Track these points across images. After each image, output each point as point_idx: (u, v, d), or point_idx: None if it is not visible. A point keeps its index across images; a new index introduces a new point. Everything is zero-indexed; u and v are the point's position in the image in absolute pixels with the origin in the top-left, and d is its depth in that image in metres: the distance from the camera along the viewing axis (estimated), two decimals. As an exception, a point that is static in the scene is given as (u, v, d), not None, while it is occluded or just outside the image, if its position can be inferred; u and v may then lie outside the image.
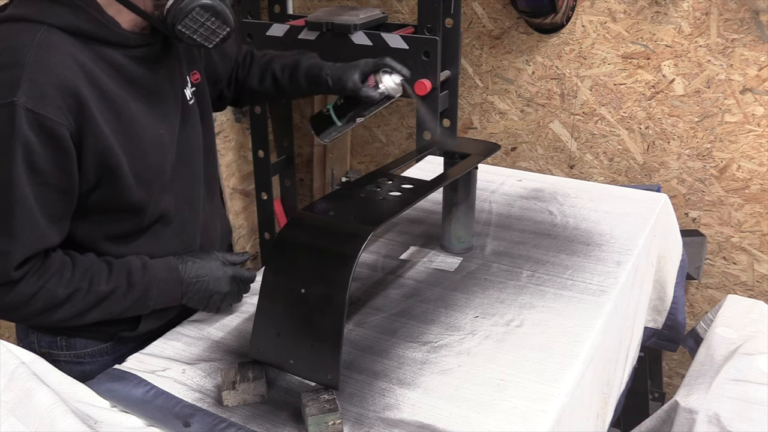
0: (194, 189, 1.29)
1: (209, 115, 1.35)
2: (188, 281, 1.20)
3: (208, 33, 1.10)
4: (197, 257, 1.23)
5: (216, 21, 1.09)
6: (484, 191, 1.77)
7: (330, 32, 2.11)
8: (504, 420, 0.99)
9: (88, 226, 1.14)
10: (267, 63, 1.49)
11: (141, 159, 1.12)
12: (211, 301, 1.23)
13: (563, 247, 1.48)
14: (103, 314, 1.13)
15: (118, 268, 1.14)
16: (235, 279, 1.25)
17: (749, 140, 2.14)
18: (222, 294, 1.23)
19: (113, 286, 1.12)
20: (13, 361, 0.95)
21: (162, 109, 1.18)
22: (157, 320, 1.24)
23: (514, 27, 2.40)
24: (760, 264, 2.24)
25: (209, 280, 1.21)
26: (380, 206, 1.15)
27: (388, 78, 1.35)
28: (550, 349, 1.15)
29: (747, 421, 1.33)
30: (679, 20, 2.13)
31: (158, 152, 1.16)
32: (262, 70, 1.48)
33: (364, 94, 1.34)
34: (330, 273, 1.01)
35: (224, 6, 1.09)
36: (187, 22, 1.06)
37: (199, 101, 1.30)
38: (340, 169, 2.95)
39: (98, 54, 1.06)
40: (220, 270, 1.23)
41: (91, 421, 0.98)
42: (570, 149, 2.45)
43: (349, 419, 1.00)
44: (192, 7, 1.06)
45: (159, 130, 1.16)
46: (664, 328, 1.76)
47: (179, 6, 1.06)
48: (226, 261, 1.26)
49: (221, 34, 1.11)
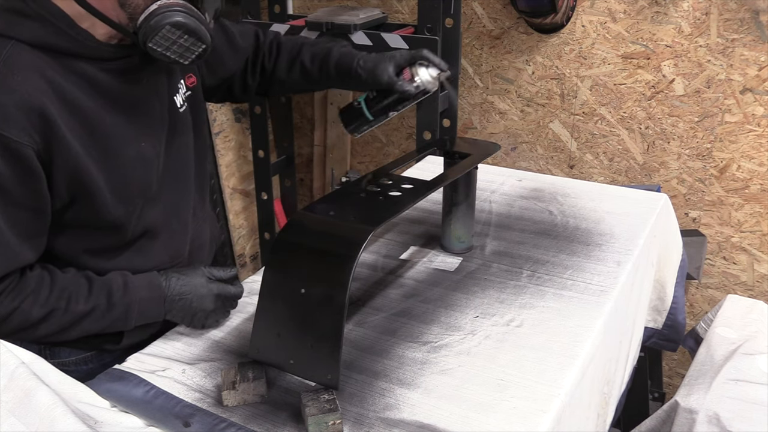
0: (184, 199, 1.26)
1: (203, 119, 1.32)
2: (171, 299, 1.17)
3: (182, 50, 1.05)
4: (182, 273, 1.20)
5: (189, 39, 1.04)
6: (484, 191, 1.77)
7: (330, 32, 2.11)
8: (504, 420, 0.99)
9: (67, 241, 1.12)
10: (296, 52, 1.43)
11: (119, 175, 1.10)
12: (195, 319, 1.20)
13: (563, 247, 1.48)
14: (82, 332, 1.11)
15: (98, 287, 1.11)
16: (220, 297, 1.21)
17: (749, 140, 2.14)
18: (206, 312, 1.20)
19: (92, 305, 1.10)
20: (13, 361, 0.95)
21: (143, 122, 1.14)
22: (142, 334, 1.21)
23: (514, 27, 2.40)
24: (760, 264, 2.24)
25: (193, 297, 1.18)
26: (380, 206, 1.15)
27: (425, 71, 1.28)
28: (550, 349, 1.15)
29: (747, 421, 1.33)
30: (679, 20, 2.13)
31: (139, 167, 1.13)
32: (291, 59, 1.43)
33: (400, 89, 1.28)
34: (330, 273, 1.01)
35: (198, 23, 1.04)
36: (158, 39, 1.02)
37: (193, 106, 1.27)
38: (340, 169, 2.95)
39: (70, 68, 1.03)
40: (204, 287, 1.19)
41: (91, 421, 0.98)
42: (570, 149, 2.45)
43: (349, 419, 1.00)
44: (162, 24, 1.01)
45: (140, 144, 1.13)
46: (664, 328, 1.76)
47: (150, 23, 1.01)
48: (212, 276, 1.21)
49: (196, 51, 1.06)
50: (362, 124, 1.36)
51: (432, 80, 1.29)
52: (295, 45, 1.45)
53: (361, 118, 1.35)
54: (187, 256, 1.28)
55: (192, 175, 1.28)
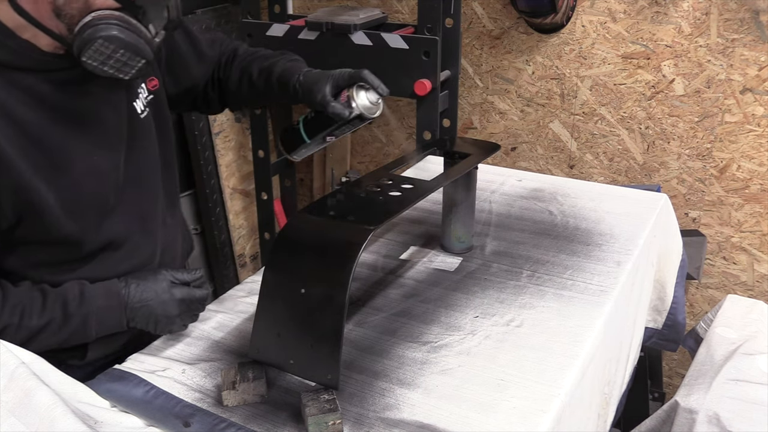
0: (149, 208, 1.22)
1: (167, 123, 1.26)
2: (132, 306, 1.12)
3: (119, 65, 0.99)
4: (142, 279, 1.14)
5: (125, 53, 0.98)
6: (484, 191, 1.77)
7: (330, 32, 2.11)
8: (504, 420, 0.99)
9: (19, 258, 1.08)
10: (246, 64, 1.36)
11: (71, 190, 1.05)
12: (159, 326, 1.15)
13: (563, 247, 1.48)
14: (40, 347, 1.05)
15: (53, 300, 1.07)
16: (185, 301, 1.15)
17: (749, 140, 2.14)
18: (171, 317, 1.14)
19: (47, 319, 1.06)
20: (13, 361, 0.95)
21: (97, 134, 1.09)
22: (107, 347, 1.18)
23: (514, 27, 2.40)
24: (760, 264, 2.24)
25: (155, 304, 1.13)
26: (380, 206, 1.15)
27: (364, 95, 1.19)
28: (550, 349, 1.15)
29: (747, 421, 1.33)
30: (679, 20, 2.13)
31: (93, 180, 1.09)
32: (241, 73, 1.36)
33: (332, 111, 1.18)
34: (330, 273, 1.01)
35: (136, 36, 0.98)
36: (92, 53, 0.97)
37: (156, 110, 1.22)
38: (340, 169, 2.95)
39: (12, 82, 0.99)
40: (166, 293, 1.13)
41: (91, 421, 0.98)
42: (570, 149, 2.45)
43: (349, 419, 1.00)
44: (95, 38, 0.96)
45: (93, 157, 1.08)
46: (664, 328, 1.76)
47: (82, 36, 0.96)
48: (175, 280, 1.16)
49: (136, 66, 1.01)
50: (301, 148, 1.27)
51: (371, 105, 1.20)
52: (248, 57, 1.38)
53: (298, 140, 1.26)
54: (158, 265, 1.24)
55: (159, 182, 1.24)
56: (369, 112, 1.20)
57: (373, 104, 1.20)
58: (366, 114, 1.20)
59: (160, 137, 1.24)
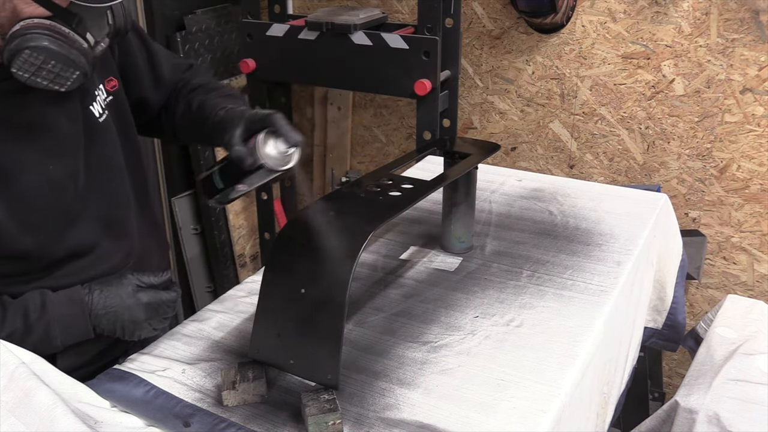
0: (117, 213, 1.18)
1: (130, 124, 1.22)
2: (96, 313, 1.08)
3: (52, 76, 0.95)
4: (106, 284, 1.11)
5: (57, 64, 0.93)
6: (484, 191, 1.77)
7: (330, 32, 2.11)
8: (504, 420, 0.99)
9: None
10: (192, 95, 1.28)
11: (23, 204, 1.02)
12: (126, 331, 1.11)
13: (563, 247, 1.48)
14: None
15: (13, 311, 1.04)
16: (151, 305, 1.12)
17: (749, 140, 2.14)
18: (137, 322, 1.11)
19: (8, 331, 1.02)
20: (13, 361, 0.95)
21: (49, 143, 1.05)
22: (77, 356, 1.15)
23: (514, 27, 2.40)
24: (760, 264, 2.24)
25: (120, 309, 1.09)
26: (380, 206, 1.15)
27: (272, 144, 1.05)
28: (550, 349, 1.15)
29: (747, 421, 1.33)
30: (679, 20, 2.13)
31: (48, 192, 1.05)
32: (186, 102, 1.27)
33: (234, 155, 1.06)
34: (330, 273, 1.01)
35: (68, 47, 0.93)
36: (21, 64, 0.92)
37: (117, 111, 1.17)
38: (340, 169, 2.95)
39: None
40: (131, 297, 1.10)
41: (91, 421, 0.98)
42: (570, 149, 2.45)
43: (349, 419, 1.00)
44: (21, 48, 0.91)
45: (48, 167, 1.04)
46: (664, 328, 1.76)
47: (10, 46, 0.91)
48: (141, 284, 1.12)
49: (71, 78, 0.96)
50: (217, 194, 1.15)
51: (277, 156, 1.05)
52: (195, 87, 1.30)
53: (212, 186, 1.14)
54: (132, 267, 1.21)
55: (125, 186, 1.20)
56: (275, 163, 1.05)
57: (282, 154, 1.06)
58: (270, 165, 1.05)
59: (123, 139, 1.20)
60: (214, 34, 2.67)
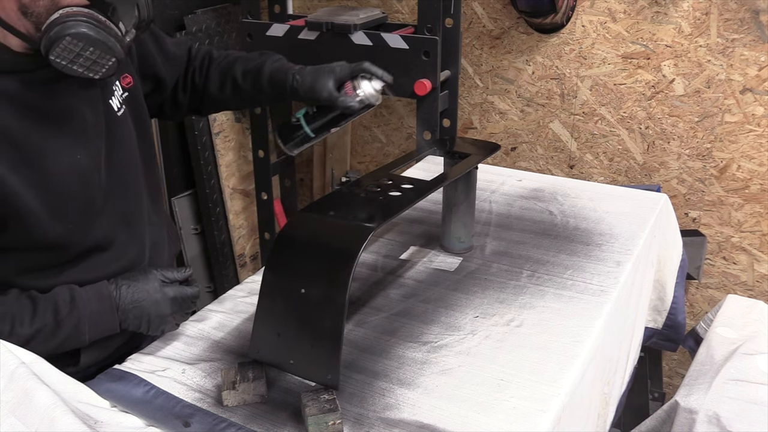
0: (134, 208, 1.21)
1: (146, 121, 1.25)
2: (124, 308, 1.11)
3: (89, 63, 0.98)
4: (133, 279, 1.13)
5: (95, 51, 0.97)
6: (484, 191, 1.77)
7: (330, 32, 2.11)
8: (504, 420, 0.99)
9: (5, 266, 1.06)
10: (228, 67, 1.36)
11: (55, 192, 1.04)
12: (152, 326, 1.14)
13: (563, 247, 1.48)
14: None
15: (43, 306, 1.05)
16: (177, 300, 1.15)
17: (749, 140, 2.14)
18: (163, 317, 1.14)
19: (39, 326, 1.04)
20: (13, 361, 0.95)
21: (77, 132, 1.08)
22: (100, 351, 1.17)
23: (514, 27, 2.40)
24: (760, 264, 2.24)
25: (147, 304, 1.12)
26: (380, 206, 1.15)
27: (368, 84, 1.25)
28: (550, 349, 1.15)
29: (747, 421, 1.33)
30: (679, 20, 2.13)
31: (77, 180, 1.08)
32: (223, 76, 1.36)
33: (343, 105, 1.23)
34: (330, 273, 1.01)
35: (106, 34, 0.97)
36: (60, 51, 0.95)
37: (133, 109, 1.20)
38: (340, 169, 2.95)
39: None
40: (158, 292, 1.13)
41: (91, 421, 0.97)
42: (570, 149, 2.45)
43: (349, 419, 1.00)
44: (63, 35, 0.94)
45: (75, 156, 1.07)
46: (664, 328, 1.76)
47: (50, 34, 0.94)
48: (165, 279, 1.15)
49: (106, 65, 0.99)
50: (302, 141, 1.31)
51: (375, 93, 1.26)
52: (227, 60, 1.38)
53: (301, 135, 1.29)
54: (147, 264, 1.23)
55: (141, 181, 1.22)
56: (375, 100, 1.26)
57: (377, 92, 1.26)
58: (372, 102, 1.26)
59: (139, 135, 1.23)
60: (214, 34, 2.67)
